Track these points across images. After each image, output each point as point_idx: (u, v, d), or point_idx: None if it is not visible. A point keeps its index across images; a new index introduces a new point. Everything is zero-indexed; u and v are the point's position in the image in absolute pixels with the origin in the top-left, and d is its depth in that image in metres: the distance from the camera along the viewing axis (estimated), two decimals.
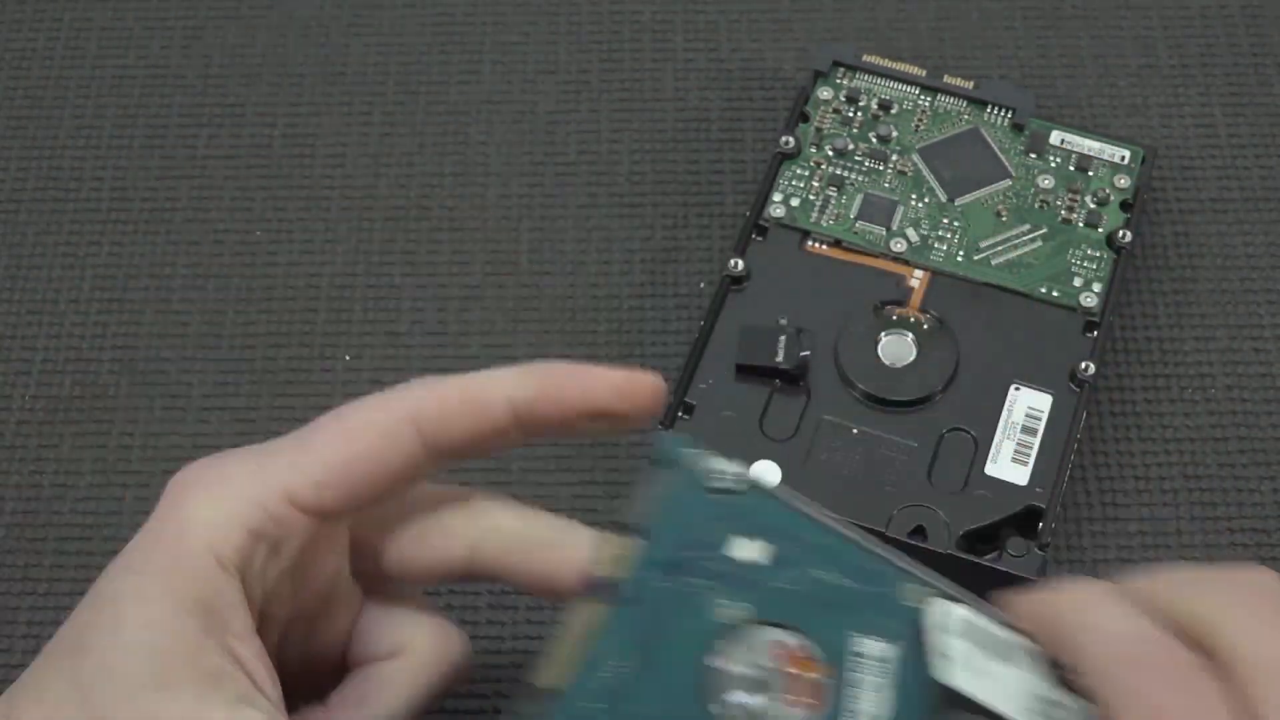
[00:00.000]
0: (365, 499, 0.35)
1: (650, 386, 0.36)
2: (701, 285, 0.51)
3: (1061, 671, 0.30)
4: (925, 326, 0.48)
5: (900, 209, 0.50)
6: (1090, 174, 0.51)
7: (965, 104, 0.52)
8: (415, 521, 0.37)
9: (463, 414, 0.35)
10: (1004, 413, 0.46)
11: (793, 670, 0.30)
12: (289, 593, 0.35)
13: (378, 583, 0.38)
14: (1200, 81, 0.55)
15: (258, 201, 0.53)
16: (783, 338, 0.47)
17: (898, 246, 0.49)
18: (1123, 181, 0.51)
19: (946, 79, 0.52)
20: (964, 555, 0.44)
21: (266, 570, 0.34)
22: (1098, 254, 0.49)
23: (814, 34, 0.57)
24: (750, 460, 0.45)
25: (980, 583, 0.45)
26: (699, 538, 0.32)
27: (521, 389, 0.35)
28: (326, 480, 0.34)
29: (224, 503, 0.34)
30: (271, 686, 0.33)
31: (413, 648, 0.37)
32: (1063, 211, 0.50)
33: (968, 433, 0.46)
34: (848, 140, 0.51)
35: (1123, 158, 0.51)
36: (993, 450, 0.46)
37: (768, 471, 0.45)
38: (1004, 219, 0.50)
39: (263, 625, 0.34)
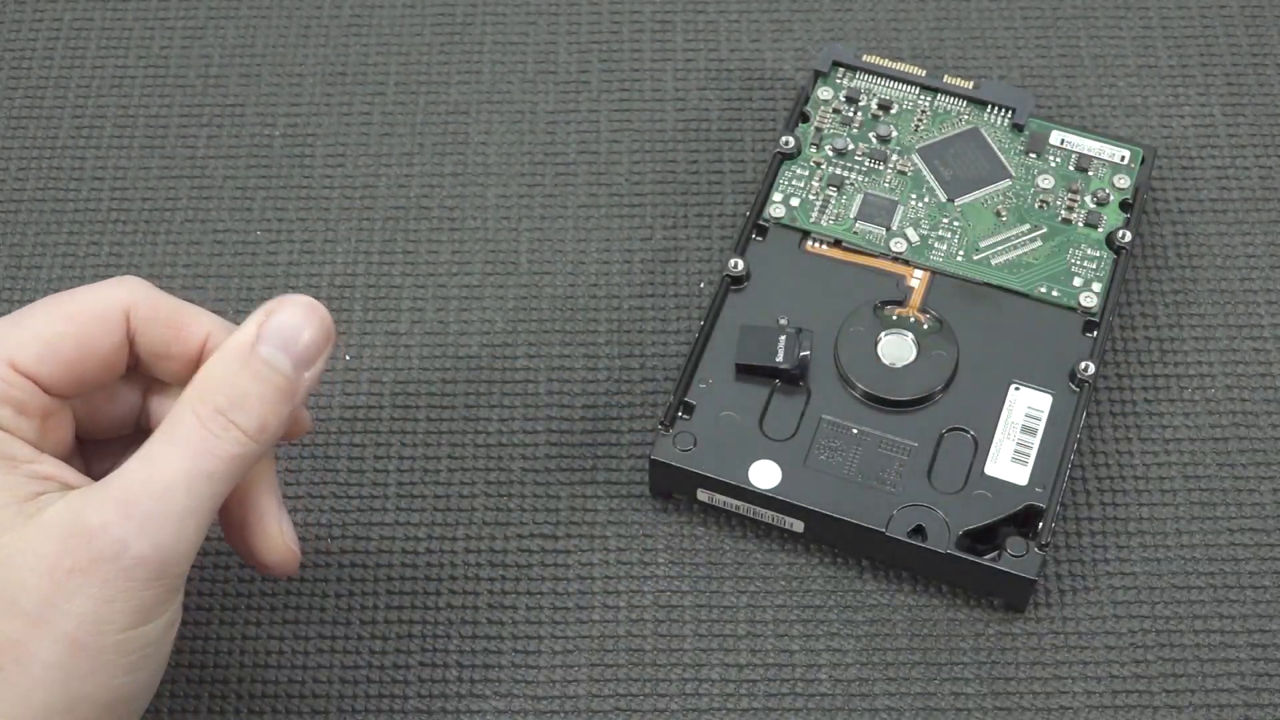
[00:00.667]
0: (75, 378, 0.39)
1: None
2: (701, 285, 0.51)
3: None
4: (925, 326, 0.48)
5: (900, 209, 0.50)
6: (1090, 174, 0.51)
7: (965, 104, 0.52)
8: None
9: (166, 327, 0.39)
10: (1004, 412, 0.46)
11: None
12: (47, 449, 0.39)
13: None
14: (1200, 81, 0.55)
15: (258, 201, 0.53)
16: (783, 338, 0.47)
17: (898, 246, 0.49)
18: (1122, 181, 0.51)
19: (946, 79, 0.52)
20: (964, 555, 0.44)
21: (21, 427, 0.38)
22: (1097, 254, 0.49)
23: (814, 34, 0.57)
24: (750, 460, 0.45)
25: (980, 582, 0.45)
26: None
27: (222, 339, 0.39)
28: (42, 354, 0.38)
29: None
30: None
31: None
32: (1062, 211, 0.50)
33: (967, 432, 0.46)
34: (848, 140, 0.51)
35: (1122, 158, 0.51)
36: (992, 450, 0.46)
37: (767, 471, 0.45)
38: (1004, 219, 0.50)
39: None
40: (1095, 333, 0.48)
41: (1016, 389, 0.47)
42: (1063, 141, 0.51)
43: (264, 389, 0.38)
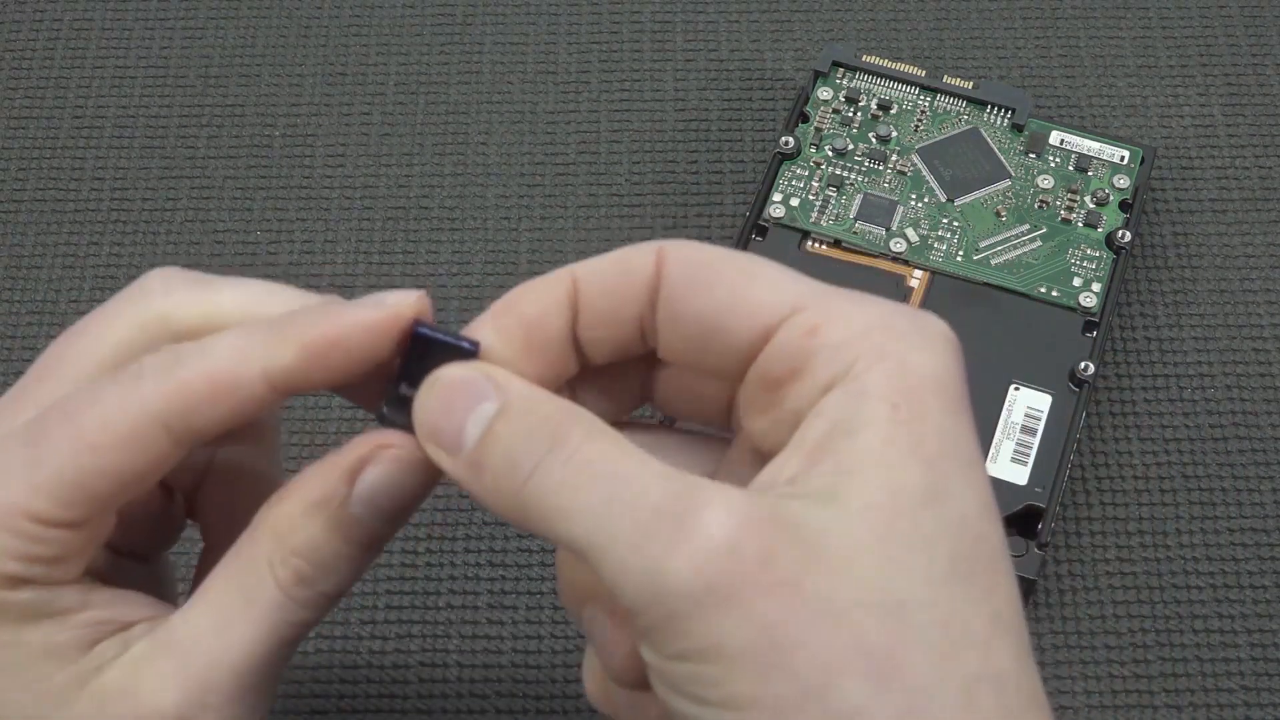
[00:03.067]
0: (111, 505, 0.32)
1: (412, 309, 0.32)
2: None
3: None
4: None
5: (900, 209, 0.50)
6: (1089, 174, 0.51)
7: (964, 104, 0.52)
8: None
9: (214, 403, 0.31)
10: (1004, 412, 0.46)
11: None
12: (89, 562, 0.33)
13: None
14: (1199, 82, 0.55)
15: (258, 201, 0.53)
16: None
17: (897, 246, 0.49)
18: (1122, 181, 0.51)
19: (946, 79, 0.52)
20: None
21: (57, 574, 0.32)
22: (1097, 254, 0.49)
23: (814, 34, 0.57)
24: None
25: None
26: None
27: (277, 359, 0.31)
28: (68, 498, 0.31)
29: None
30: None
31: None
32: (1062, 211, 0.50)
33: None
34: (847, 140, 0.51)
35: (1122, 158, 0.51)
36: (992, 450, 0.46)
37: None
38: (1003, 219, 0.50)
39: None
40: (1095, 333, 0.48)
41: (1016, 389, 0.47)
42: (1062, 142, 0.51)
43: (355, 551, 0.32)
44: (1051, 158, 0.51)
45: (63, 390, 0.33)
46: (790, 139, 0.51)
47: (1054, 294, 0.48)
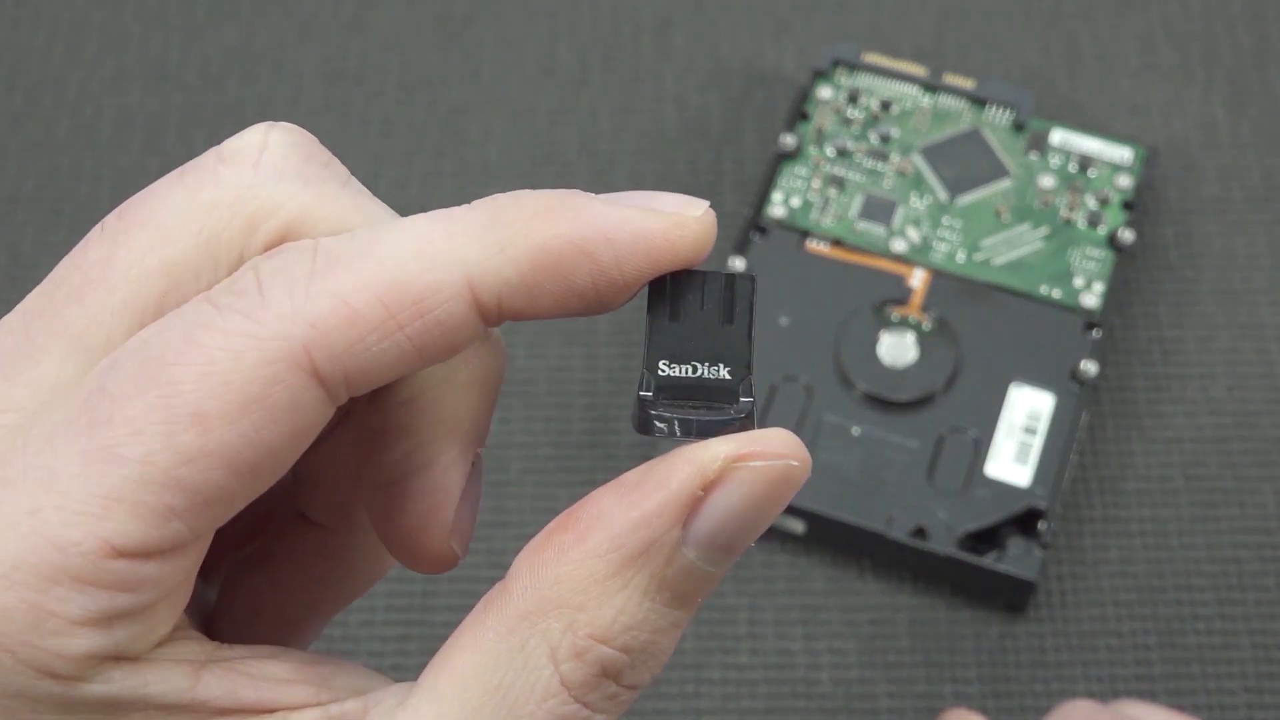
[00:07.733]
0: (228, 509, 0.21)
1: (705, 228, 0.22)
2: None
3: None
4: (926, 326, 0.48)
5: (900, 209, 0.50)
6: (1091, 174, 0.51)
7: (966, 103, 0.52)
8: None
9: (389, 330, 0.21)
10: (1004, 413, 0.46)
11: None
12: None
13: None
14: (1201, 81, 0.55)
15: None
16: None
17: (898, 246, 0.49)
18: (1124, 181, 0.50)
19: (947, 78, 0.52)
20: (964, 555, 0.44)
21: (142, 634, 0.20)
22: (1099, 254, 0.49)
23: (814, 34, 0.56)
24: None
25: (981, 583, 0.45)
26: None
27: (496, 264, 0.21)
28: (164, 508, 0.19)
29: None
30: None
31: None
32: (1064, 211, 0.50)
33: (968, 432, 0.46)
34: (848, 140, 0.51)
35: (1124, 157, 0.51)
36: (993, 450, 0.46)
37: None
38: (1004, 219, 0.50)
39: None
40: (1096, 332, 0.48)
41: (1018, 389, 0.47)
42: (1064, 141, 0.51)
43: (684, 617, 0.22)
44: (1053, 157, 0.51)
45: (118, 320, 0.21)
46: (791, 138, 0.51)
47: (1055, 294, 0.48)
